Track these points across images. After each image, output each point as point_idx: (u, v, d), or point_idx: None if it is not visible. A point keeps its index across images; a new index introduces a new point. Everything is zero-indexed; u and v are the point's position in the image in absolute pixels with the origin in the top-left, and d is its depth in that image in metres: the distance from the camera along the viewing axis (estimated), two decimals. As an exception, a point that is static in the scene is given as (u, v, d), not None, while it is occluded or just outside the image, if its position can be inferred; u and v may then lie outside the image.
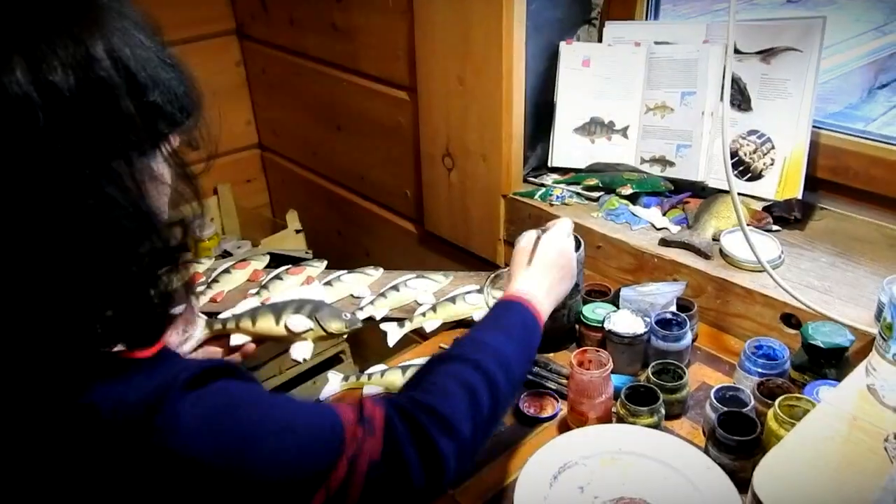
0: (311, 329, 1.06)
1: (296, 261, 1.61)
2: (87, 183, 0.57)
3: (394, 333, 1.22)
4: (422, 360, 1.24)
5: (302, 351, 1.07)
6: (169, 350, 0.68)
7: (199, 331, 1.06)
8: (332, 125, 2.03)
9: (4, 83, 0.53)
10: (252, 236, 2.30)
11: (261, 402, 0.66)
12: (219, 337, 1.08)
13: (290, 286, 1.46)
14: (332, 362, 2.03)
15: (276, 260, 1.68)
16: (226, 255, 2.32)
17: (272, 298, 1.43)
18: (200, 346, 1.06)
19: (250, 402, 0.65)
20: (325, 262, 1.55)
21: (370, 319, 1.30)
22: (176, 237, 0.64)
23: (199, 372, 0.63)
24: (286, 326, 1.06)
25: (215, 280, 1.44)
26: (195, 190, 0.67)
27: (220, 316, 1.11)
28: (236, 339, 1.06)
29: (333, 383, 1.21)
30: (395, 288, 1.40)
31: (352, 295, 1.42)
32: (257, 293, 1.40)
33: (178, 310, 0.64)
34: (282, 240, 2.17)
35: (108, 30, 0.58)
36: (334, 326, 1.06)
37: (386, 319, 1.34)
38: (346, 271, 1.48)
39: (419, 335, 1.34)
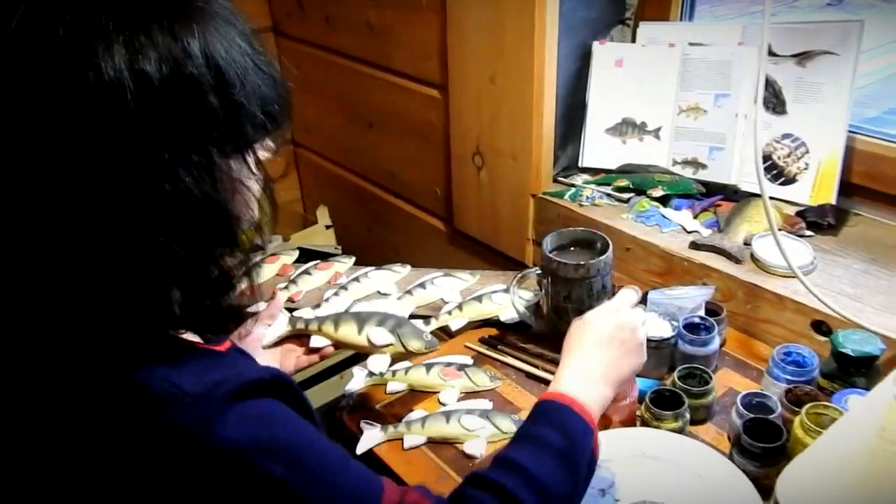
0: (392, 344, 1.07)
1: (324, 256, 1.63)
2: (165, 169, 0.59)
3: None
4: (447, 359, 1.25)
5: (379, 364, 1.09)
6: (237, 350, 0.70)
7: (282, 327, 1.08)
8: (365, 123, 2.04)
9: (102, 66, 0.57)
10: (283, 231, 2.32)
11: (303, 438, 0.65)
12: (299, 336, 1.10)
13: (317, 281, 1.48)
14: (358, 357, 2.04)
15: (306, 255, 1.69)
16: (256, 248, 2.34)
17: (302, 292, 1.45)
18: (281, 342, 1.09)
19: (291, 439, 0.63)
20: (354, 259, 1.56)
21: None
22: (247, 238, 0.67)
23: (243, 385, 0.62)
24: (368, 337, 1.07)
25: (293, 281, 1.47)
26: (273, 202, 0.69)
27: (304, 315, 1.13)
28: (317, 342, 1.08)
29: (358, 379, 1.22)
30: (422, 285, 1.41)
31: (378, 292, 1.44)
32: (336, 293, 1.40)
33: (257, 307, 0.66)
34: (312, 235, 2.19)
35: (207, 31, 0.60)
36: (414, 345, 1.08)
37: (412, 317, 1.35)
38: (373, 268, 1.49)
39: (445, 333, 1.35)
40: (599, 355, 0.85)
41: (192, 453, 0.60)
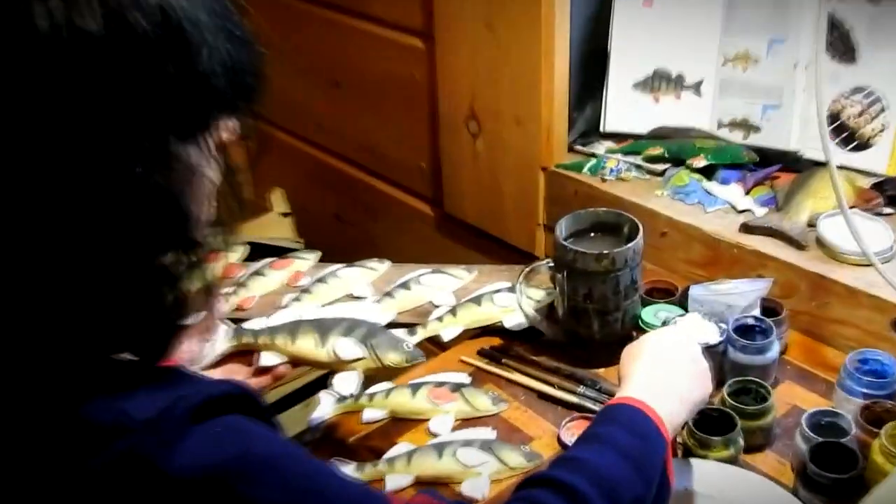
0: (363, 358, 1.07)
1: (281, 252, 1.63)
2: (108, 153, 0.59)
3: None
4: (438, 377, 1.26)
5: (348, 385, 1.08)
6: (182, 367, 0.71)
7: (221, 342, 1.08)
8: (328, 81, 2.04)
9: (34, 18, 0.55)
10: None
11: (287, 454, 0.66)
12: (245, 352, 1.10)
13: (272, 283, 1.48)
14: (324, 379, 2.04)
15: (257, 251, 1.68)
16: (212, 249, 2.31)
17: (254, 298, 1.45)
18: (222, 361, 1.08)
19: (272, 456, 0.65)
20: (319, 254, 1.56)
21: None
22: (205, 240, 0.67)
23: (204, 401, 0.64)
24: (333, 351, 1.07)
25: (242, 284, 1.47)
26: (238, 195, 0.70)
27: (251, 326, 1.12)
28: (267, 359, 1.07)
29: (326, 406, 1.22)
30: (406, 286, 1.41)
31: (350, 294, 1.44)
32: (296, 298, 1.40)
33: (195, 317, 0.67)
34: (264, 226, 2.18)
35: None
36: (392, 358, 1.07)
37: (393, 325, 1.35)
38: (343, 265, 1.49)
39: (436, 344, 1.35)
40: (666, 376, 0.90)
41: (152, 487, 0.61)
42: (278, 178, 2.35)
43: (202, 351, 1.06)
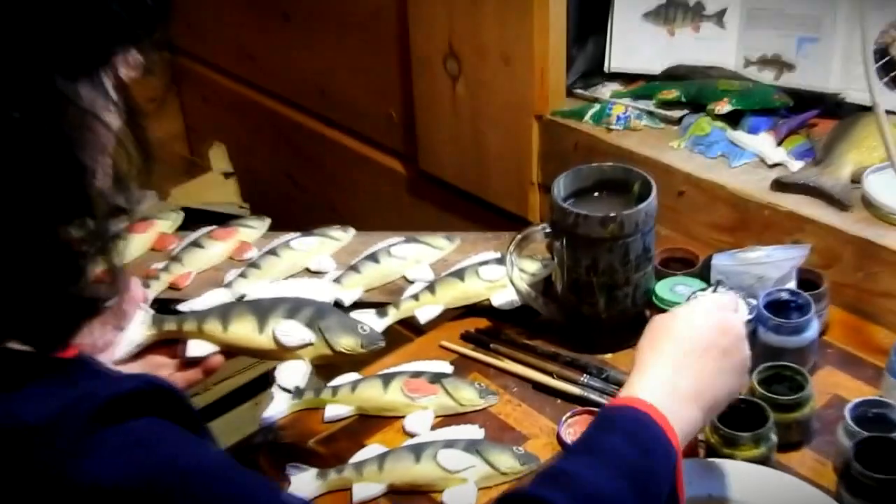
0: (311, 343, 1.06)
1: (223, 219, 1.61)
2: None
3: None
4: (414, 366, 1.25)
5: (293, 375, 1.08)
6: (89, 357, 0.70)
7: (140, 331, 1.06)
8: (276, 13, 2.02)
9: None
10: (158, 184, 2.30)
11: (206, 465, 0.66)
12: (171, 342, 1.09)
13: (213, 257, 1.47)
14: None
15: (194, 218, 1.67)
16: (116, 211, 2.31)
17: (191, 274, 1.43)
18: (142, 353, 1.08)
19: (191, 471, 0.65)
20: (268, 221, 1.55)
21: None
22: (103, 198, 0.67)
23: (110, 400, 0.63)
24: (274, 337, 1.06)
25: (176, 258, 1.46)
26: (144, 143, 0.69)
27: (177, 309, 1.11)
28: (196, 349, 1.07)
29: (280, 402, 1.21)
30: (374, 258, 1.41)
31: (307, 269, 1.43)
32: (242, 275, 1.39)
33: (103, 299, 0.66)
34: (202, 189, 2.17)
35: None
36: (344, 343, 1.07)
37: (360, 305, 1.34)
38: (298, 234, 1.48)
39: (410, 328, 1.34)
40: (692, 364, 0.89)
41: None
42: (218, 132, 2.33)
43: (114, 341, 1.05)
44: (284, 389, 1.11)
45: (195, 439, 0.68)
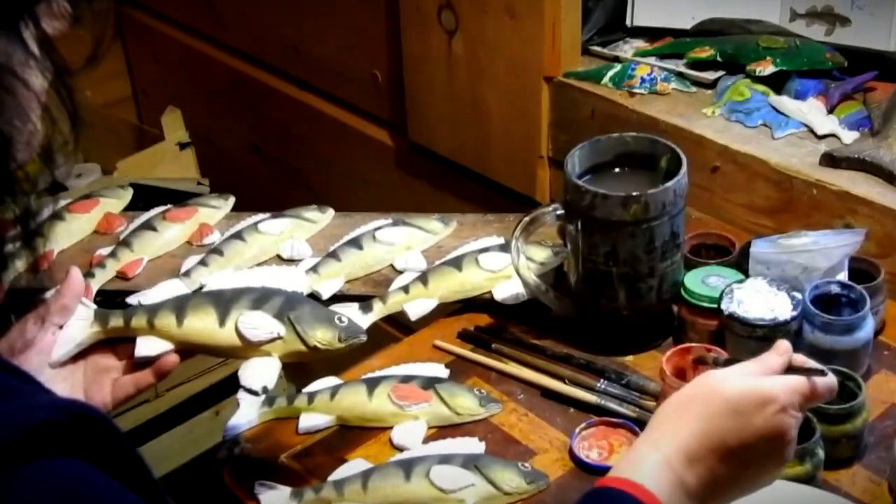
0: (281, 338, 1.06)
1: (180, 197, 1.61)
2: None
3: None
4: (404, 370, 1.26)
5: (260, 374, 1.07)
6: (5, 370, 0.69)
7: (82, 328, 1.06)
8: (243, -44, 2.02)
9: None
10: (103, 155, 2.30)
11: None
12: (118, 340, 1.09)
13: (169, 241, 1.47)
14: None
15: (145, 196, 1.67)
16: (57, 188, 2.31)
17: (143, 261, 1.44)
18: (84, 354, 1.07)
19: None
20: (232, 200, 1.55)
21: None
22: (26, 172, 0.66)
23: (25, 435, 0.62)
24: (237, 330, 1.06)
25: (125, 243, 1.47)
26: (73, 106, 0.68)
27: (170, 293, 1.11)
28: (146, 347, 1.06)
29: (248, 410, 1.22)
30: (357, 244, 1.41)
31: (279, 256, 1.44)
32: (203, 263, 1.39)
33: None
34: (155, 161, 2.17)
35: None
36: (320, 336, 1.05)
37: (340, 298, 1.35)
38: (268, 215, 1.48)
39: (399, 325, 1.35)
40: (711, 465, 0.85)
41: None
42: (172, 95, 2.33)
43: (52, 341, 1.04)
44: (251, 391, 1.11)
45: (117, 491, 0.66)
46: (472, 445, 1.16)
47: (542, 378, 1.24)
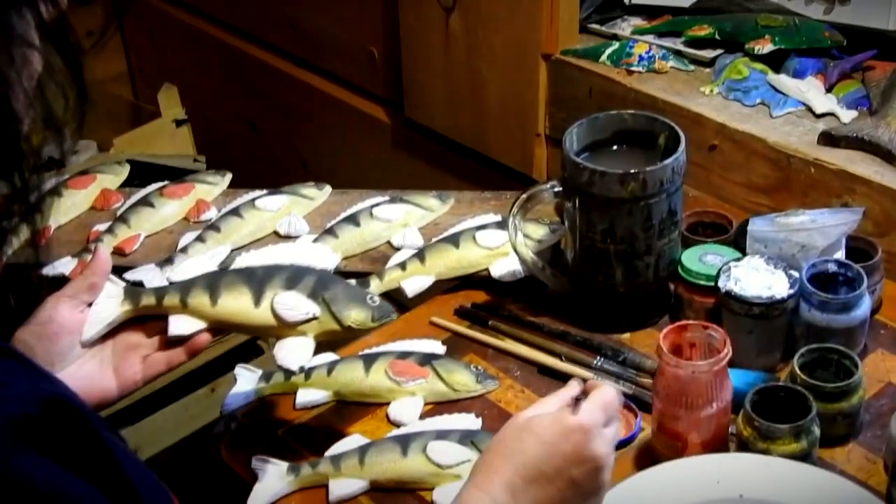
0: (316, 318, 1.06)
1: (177, 174, 1.61)
2: None
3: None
4: (401, 346, 1.27)
5: (296, 353, 1.07)
6: (11, 354, 0.70)
7: (112, 307, 1.07)
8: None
9: None
10: (98, 132, 2.29)
11: None
12: (146, 318, 1.09)
13: (166, 218, 1.48)
14: (244, 351, 2.05)
15: (142, 172, 1.67)
16: (52, 164, 2.30)
17: (139, 238, 1.44)
18: (113, 332, 1.07)
19: None
20: (229, 177, 1.56)
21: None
22: (37, 153, 0.67)
23: None
24: (273, 311, 1.06)
25: (122, 219, 1.47)
26: (79, 83, 0.69)
27: (147, 276, 1.11)
28: (180, 326, 1.07)
29: (245, 386, 1.22)
30: (354, 220, 1.41)
31: (276, 233, 1.44)
32: (200, 239, 1.40)
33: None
34: (151, 138, 2.16)
35: None
36: (354, 317, 1.06)
37: (337, 274, 1.34)
38: (265, 192, 1.48)
39: (396, 302, 1.35)
40: (532, 492, 0.90)
41: None
42: (169, 72, 2.32)
43: (87, 320, 1.05)
44: (288, 371, 1.12)
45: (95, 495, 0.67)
46: (469, 421, 1.17)
47: (539, 355, 1.25)
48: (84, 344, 1.04)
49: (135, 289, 1.09)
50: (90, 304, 1.06)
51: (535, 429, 0.92)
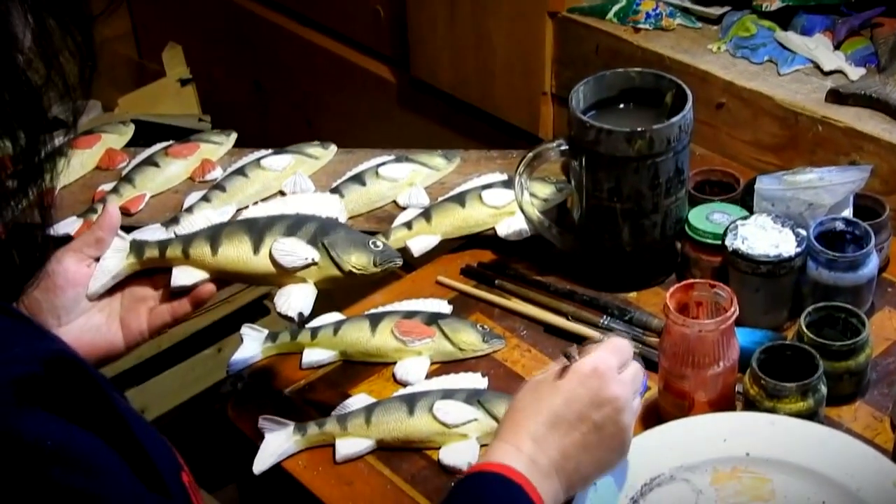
0: (316, 263, 1.06)
1: (182, 133, 1.61)
2: None
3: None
4: (407, 306, 1.27)
5: (296, 300, 1.07)
6: (9, 313, 0.70)
7: (118, 261, 1.07)
8: None
9: None
10: (103, 92, 2.29)
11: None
12: (154, 271, 1.09)
13: (171, 177, 1.48)
14: (250, 311, 2.05)
15: (147, 132, 1.67)
16: (57, 124, 2.30)
17: (145, 197, 1.44)
18: (120, 286, 1.07)
19: None
20: (234, 136, 1.55)
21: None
22: (43, 111, 0.67)
23: None
24: (271, 257, 1.06)
25: (127, 179, 1.47)
26: (87, 41, 0.69)
27: (152, 236, 1.11)
28: (183, 277, 1.07)
29: (251, 346, 1.22)
30: (359, 179, 1.41)
31: (281, 192, 1.44)
32: (205, 198, 1.41)
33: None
34: (156, 97, 2.16)
35: None
36: (355, 261, 1.05)
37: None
38: (270, 151, 1.48)
39: (403, 261, 1.35)
40: (556, 439, 0.93)
41: None
42: (173, 31, 2.31)
43: (94, 273, 1.05)
44: (287, 318, 1.11)
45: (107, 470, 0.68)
46: (475, 381, 1.17)
47: (545, 314, 1.25)
48: (90, 297, 1.05)
49: (139, 241, 1.09)
50: (97, 260, 1.06)
51: (552, 381, 0.95)
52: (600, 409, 0.93)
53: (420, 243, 1.33)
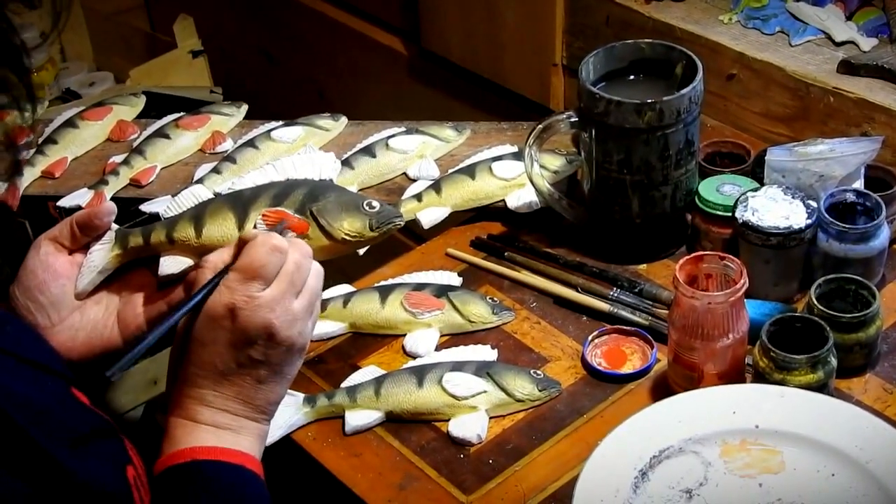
0: (306, 235, 0.99)
1: (193, 105, 1.61)
2: None
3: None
4: (416, 278, 1.27)
5: None
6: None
7: (103, 254, 1.01)
8: None
9: None
10: (114, 63, 2.28)
11: None
12: (142, 260, 1.04)
13: (181, 149, 1.48)
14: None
15: (158, 104, 1.66)
16: (70, 96, 2.30)
17: (156, 169, 1.44)
18: (120, 278, 1.03)
19: None
20: (245, 108, 1.55)
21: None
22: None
23: None
24: (257, 228, 1.00)
25: (138, 150, 1.46)
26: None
27: (167, 214, 1.06)
28: (169, 265, 1.02)
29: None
30: (370, 151, 1.41)
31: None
32: (216, 170, 1.40)
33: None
34: (167, 69, 2.16)
35: None
36: (348, 227, 0.97)
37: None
38: (280, 123, 1.48)
39: (412, 234, 1.35)
40: (224, 391, 0.90)
41: None
42: (186, 2, 2.31)
43: (84, 266, 1.01)
44: None
45: None
46: (485, 353, 1.17)
47: (555, 286, 1.25)
48: (78, 296, 1.01)
49: (124, 230, 1.03)
50: (77, 251, 1.01)
51: (194, 334, 0.91)
52: (247, 346, 0.89)
53: (430, 215, 1.32)
